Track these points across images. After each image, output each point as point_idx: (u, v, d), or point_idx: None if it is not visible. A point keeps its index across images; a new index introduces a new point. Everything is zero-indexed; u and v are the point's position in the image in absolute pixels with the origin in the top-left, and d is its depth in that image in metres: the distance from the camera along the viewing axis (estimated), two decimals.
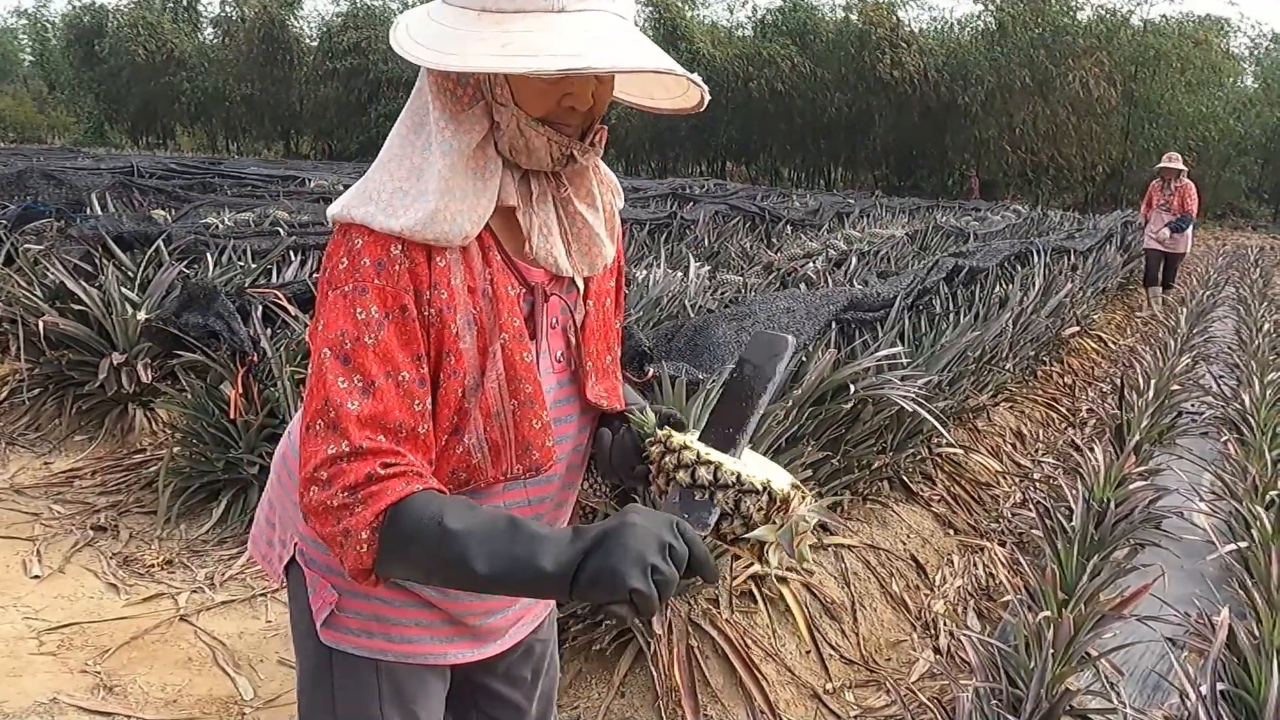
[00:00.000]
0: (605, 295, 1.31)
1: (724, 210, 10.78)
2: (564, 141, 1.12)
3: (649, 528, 0.97)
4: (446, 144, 1.10)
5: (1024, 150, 29.44)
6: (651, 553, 0.95)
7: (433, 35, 1.07)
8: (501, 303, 1.14)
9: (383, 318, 1.07)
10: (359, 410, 1.04)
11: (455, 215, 1.09)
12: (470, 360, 1.13)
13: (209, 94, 40.72)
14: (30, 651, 2.70)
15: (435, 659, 1.26)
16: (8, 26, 55.20)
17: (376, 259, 1.08)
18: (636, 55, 1.05)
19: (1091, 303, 8.16)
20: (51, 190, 7.18)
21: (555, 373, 1.23)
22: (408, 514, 1.01)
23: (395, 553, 1.02)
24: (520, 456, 1.17)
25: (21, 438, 4.36)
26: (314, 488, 1.03)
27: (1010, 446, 5.09)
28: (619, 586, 0.93)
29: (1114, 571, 2.93)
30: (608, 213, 1.25)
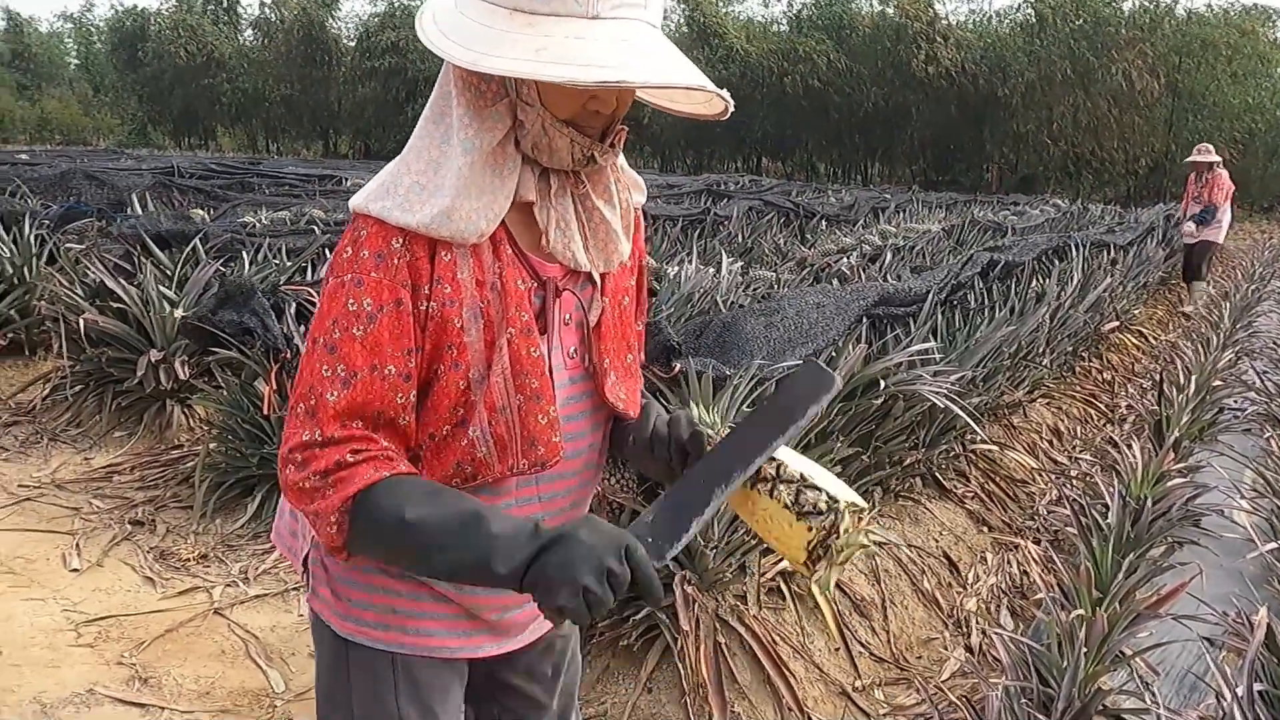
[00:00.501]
0: (623, 293, 1.30)
1: (758, 206, 10.74)
2: (586, 143, 1.13)
3: (595, 547, 1.01)
4: (468, 141, 1.10)
5: (1064, 143, 29.01)
6: (585, 573, 0.99)
7: (463, 31, 1.07)
8: (510, 297, 1.14)
9: (375, 310, 1.08)
10: (337, 400, 1.07)
11: (471, 213, 1.09)
12: (476, 353, 1.13)
13: (249, 95, 41.23)
14: (68, 643, 2.75)
15: (452, 653, 1.27)
16: (54, 31, 56.25)
17: (376, 251, 1.09)
18: (670, 70, 1.06)
19: (1132, 297, 8.02)
20: (94, 190, 7.31)
21: (568, 369, 1.23)
22: (373, 501, 1.06)
23: (361, 536, 1.07)
24: (526, 451, 1.17)
25: (63, 433, 4.44)
26: (290, 467, 1.08)
27: (1047, 443, 5.03)
28: (550, 598, 1.00)
29: (1150, 570, 2.88)
30: (624, 209, 1.24)
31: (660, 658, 2.56)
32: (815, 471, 1.13)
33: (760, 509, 1.14)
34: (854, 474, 3.27)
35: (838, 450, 2.99)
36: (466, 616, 1.26)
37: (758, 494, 1.14)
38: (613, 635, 2.60)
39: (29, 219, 5.64)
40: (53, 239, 5.64)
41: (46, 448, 4.29)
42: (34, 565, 3.21)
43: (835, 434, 3.05)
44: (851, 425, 3.18)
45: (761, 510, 1.14)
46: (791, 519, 1.10)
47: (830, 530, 1.08)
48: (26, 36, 51.76)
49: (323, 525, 1.08)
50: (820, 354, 3.08)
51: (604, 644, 2.62)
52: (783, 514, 1.11)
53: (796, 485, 1.11)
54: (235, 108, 42.39)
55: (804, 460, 1.17)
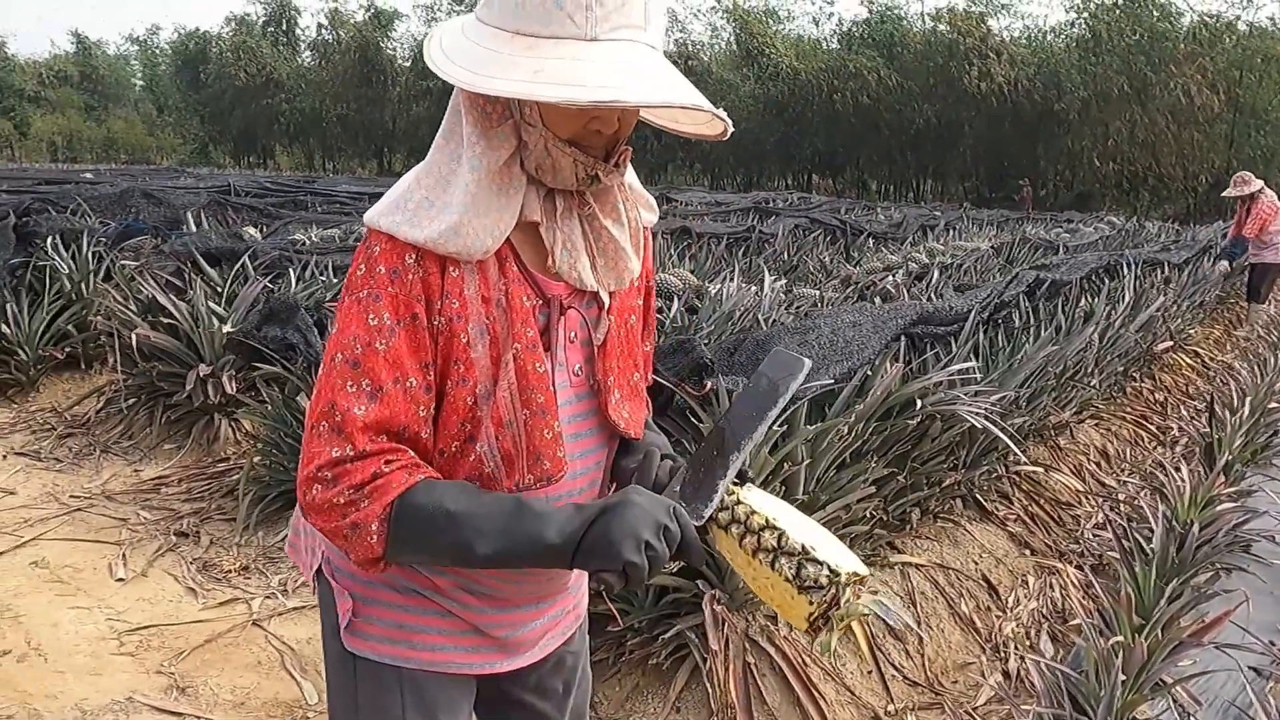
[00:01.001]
0: (630, 312, 1.31)
1: (804, 224, 10.70)
2: (589, 162, 1.13)
3: (648, 508, 1.07)
4: (475, 160, 1.12)
5: (1120, 160, 28.54)
6: (647, 530, 1.05)
7: (467, 54, 1.09)
8: (515, 313, 1.16)
9: (394, 324, 1.10)
10: (365, 415, 1.08)
11: (477, 230, 1.11)
12: (482, 369, 1.15)
13: (306, 115, 42.17)
14: (111, 651, 2.81)
15: (459, 668, 1.27)
16: (121, 54, 57.94)
17: (392, 267, 1.11)
18: (665, 90, 1.06)
19: (1187, 317, 7.85)
20: (151, 209, 7.50)
21: (573, 386, 1.23)
22: (413, 503, 1.08)
23: (404, 540, 1.09)
24: (532, 465, 1.18)
25: (115, 446, 4.55)
26: (317, 486, 1.08)
27: (1094, 465, 4.93)
28: (614, 556, 1.04)
29: (1195, 596, 2.81)
30: (633, 228, 1.25)
31: (689, 677, 2.55)
32: (816, 539, 1.14)
33: (763, 577, 1.15)
34: (890, 494, 3.24)
35: (872, 470, 2.97)
36: (474, 632, 1.27)
37: (759, 563, 1.15)
38: (642, 654, 2.59)
39: (87, 237, 5.81)
40: (110, 256, 5.81)
41: (99, 459, 4.40)
42: (81, 574, 3.28)
43: (870, 454, 3.02)
44: (887, 445, 3.15)
45: (764, 579, 1.15)
46: (793, 591, 1.11)
47: (831, 603, 1.10)
48: (95, 59, 53.41)
49: (360, 537, 1.08)
50: (855, 372, 3.05)
51: (633, 663, 2.62)
52: (785, 586, 1.12)
53: (798, 559, 1.11)
54: (293, 127, 43.38)
55: (805, 523, 1.18)
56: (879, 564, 3.13)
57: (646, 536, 1.05)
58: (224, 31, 44.15)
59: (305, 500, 1.09)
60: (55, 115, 47.52)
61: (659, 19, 1.13)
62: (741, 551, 1.17)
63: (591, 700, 2.56)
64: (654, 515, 1.07)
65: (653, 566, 1.05)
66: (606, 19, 1.06)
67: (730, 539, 1.18)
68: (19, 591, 3.14)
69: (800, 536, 1.13)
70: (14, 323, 5.19)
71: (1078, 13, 30.90)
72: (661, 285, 5.33)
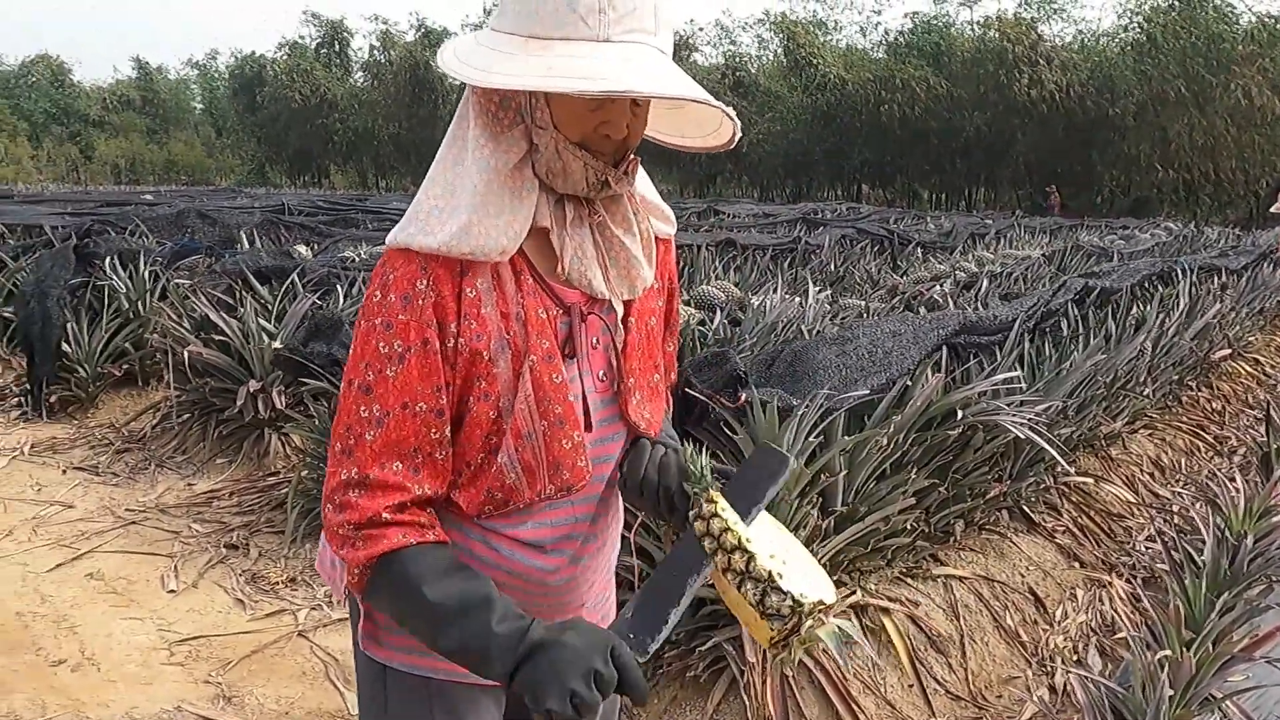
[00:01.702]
0: (649, 315, 1.32)
1: (851, 234, 10.63)
2: (599, 167, 1.15)
3: (582, 650, 1.04)
4: (484, 161, 1.14)
5: (1178, 165, 27.94)
6: (574, 677, 1.02)
7: (478, 56, 1.12)
8: (531, 325, 1.17)
9: (405, 351, 1.12)
10: (374, 439, 1.11)
11: (489, 230, 1.12)
12: (504, 383, 1.16)
13: (359, 134, 42.90)
14: (161, 661, 2.88)
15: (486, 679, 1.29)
16: (182, 78, 59.43)
17: (403, 294, 1.12)
18: (679, 85, 1.09)
19: (1246, 324, 7.66)
20: (206, 229, 7.68)
21: (598, 392, 1.25)
22: (394, 568, 1.11)
23: (377, 595, 1.15)
24: (553, 476, 1.20)
25: (170, 460, 4.66)
26: (329, 507, 1.14)
27: (1148, 476, 4.83)
28: (539, 701, 1.02)
29: (1247, 610, 2.74)
30: (645, 238, 1.26)
31: (727, 690, 2.54)
32: (787, 564, 1.14)
33: (730, 597, 1.17)
34: (932, 506, 3.20)
35: (913, 481, 2.94)
36: None
37: (727, 583, 1.16)
38: (680, 666, 2.59)
39: (144, 256, 5.97)
40: (165, 275, 5.96)
41: (154, 474, 4.51)
42: (135, 586, 3.37)
43: (910, 465, 2.99)
44: (929, 456, 3.12)
45: (731, 598, 1.17)
46: (756, 616, 1.12)
47: (792, 630, 1.11)
48: (156, 84, 54.82)
49: (347, 572, 1.15)
50: (893, 383, 3.03)
51: (671, 675, 2.61)
52: (749, 609, 1.13)
53: (764, 585, 1.12)
54: (346, 146, 44.14)
55: (780, 544, 1.19)
56: (921, 576, 3.10)
57: (572, 685, 1.02)
58: (278, 55, 45.14)
59: (324, 517, 1.15)
60: (119, 139, 48.86)
61: (669, 25, 1.15)
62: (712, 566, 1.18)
63: (630, 712, 2.58)
64: (587, 660, 1.03)
65: (581, 713, 1.02)
66: (619, 22, 1.08)
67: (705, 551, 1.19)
68: (76, 602, 3.22)
69: (769, 563, 1.13)
70: (74, 341, 5.34)
71: (1130, 16, 30.43)
72: (704, 297, 5.34)
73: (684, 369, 2.76)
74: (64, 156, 46.29)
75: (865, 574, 2.93)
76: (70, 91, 52.63)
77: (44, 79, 52.01)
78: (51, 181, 38.83)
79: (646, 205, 1.28)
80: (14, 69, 52.71)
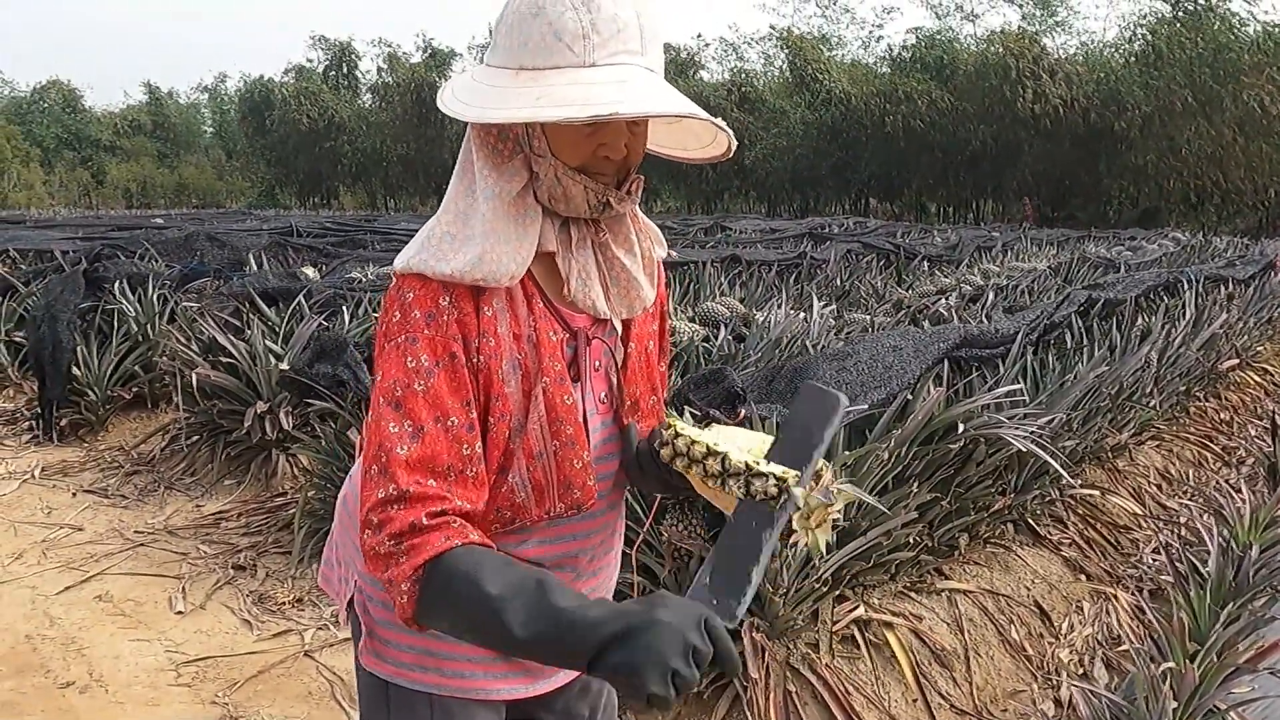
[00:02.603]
0: (647, 338, 1.35)
1: (856, 249, 10.65)
2: (600, 190, 1.17)
3: (676, 627, 0.95)
4: (489, 190, 1.16)
5: (1186, 175, 27.89)
6: (675, 656, 0.94)
7: (474, 93, 1.15)
8: (544, 348, 1.20)
9: (433, 365, 1.13)
10: (408, 454, 1.09)
11: (500, 256, 1.14)
12: (515, 403, 1.18)
13: (368, 155, 43.18)
14: (168, 682, 2.89)
15: (487, 694, 1.31)
16: (192, 102, 59.88)
17: (427, 311, 1.14)
18: (663, 102, 1.11)
19: (1255, 333, 7.64)
20: (215, 251, 7.73)
21: (600, 413, 1.28)
22: (444, 571, 1.05)
23: (431, 606, 1.06)
24: (563, 495, 1.22)
25: (179, 482, 4.69)
26: (368, 531, 1.09)
27: (1155, 487, 4.81)
28: (639, 688, 0.94)
29: (1252, 621, 2.73)
30: (646, 258, 1.29)
31: (730, 706, 2.54)
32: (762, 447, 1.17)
33: (722, 499, 1.18)
34: (935, 520, 3.21)
35: (915, 496, 2.95)
36: (502, 659, 1.30)
37: (717, 490, 1.17)
38: None
39: (153, 280, 6.02)
40: (174, 298, 6.01)
41: (163, 495, 4.54)
42: (143, 608, 3.39)
43: (912, 479, 3.00)
44: (930, 470, 3.12)
45: (724, 500, 1.17)
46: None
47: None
48: (166, 108, 55.25)
49: (395, 594, 1.08)
50: (894, 397, 3.04)
51: None
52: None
53: (744, 476, 1.13)
54: (355, 168, 44.42)
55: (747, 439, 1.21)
56: (925, 590, 3.10)
57: (675, 665, 0.93)
58: (286, 79, 45.48)
59: (362, 547, 1.10)
60: (130, 163, 49.23)
61: (656, 44, 1.17)
62: (695, 480, 1.19)
63: None
64: (684, 636, 0.94)
65: (681, 692, 0.94)
66: (604, 45, 1.11)
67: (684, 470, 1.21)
68: (84, 624, 3.25)
69: (742, 455, 1.14)
70: (84, 364, 5.39)
71: (1134, 28, 30.45)
72: (708, 314, 5.36)
73: (682, 386, 2.78)
74: (76, 181, 46.64)
75: (868, 588, 2.94)
76: (82, 117, 53.07)
77: (56, 104, 52.48)
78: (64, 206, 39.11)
79: (645, 227, 1.31)
80: (26, 95, 53.20)
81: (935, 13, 35.51)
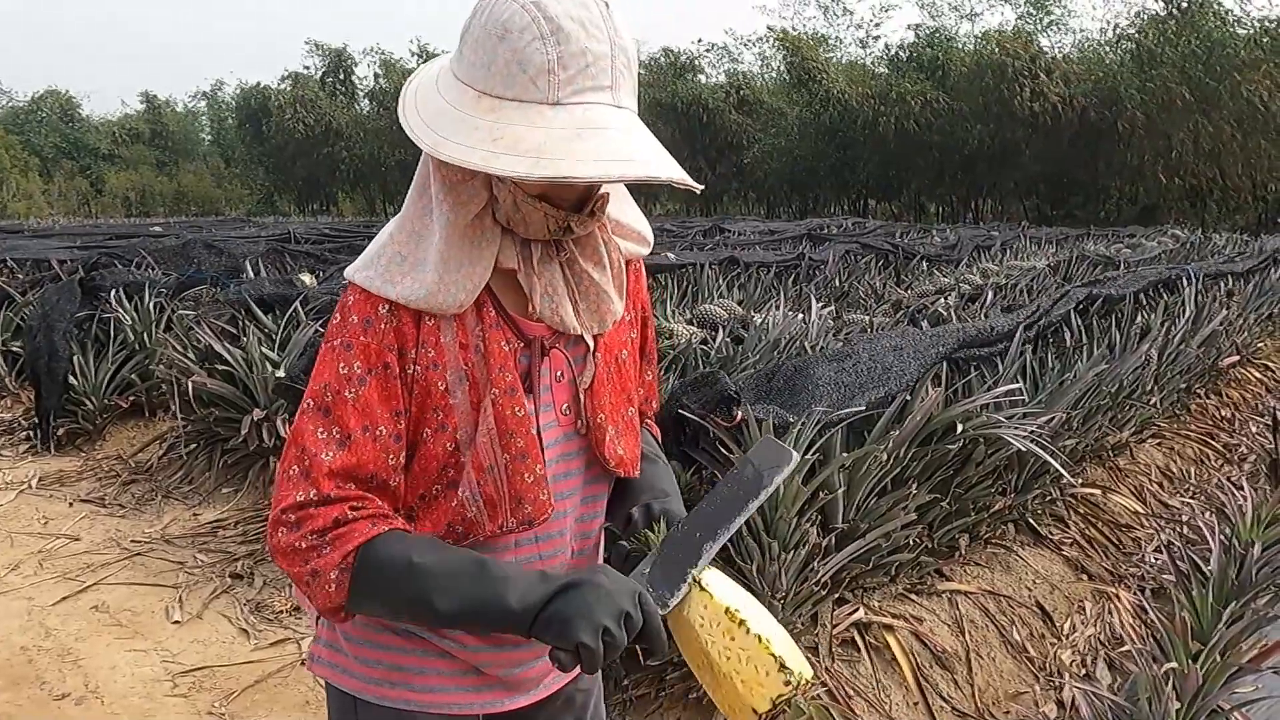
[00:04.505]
0: (621, 347, 1.30)
1: (855, 249, 10.63)
2: (559, 215, 1.13)
3: (611, 591, 1.05)
4: (444, 217, 1.12)
5: (1184, 173, 27.87)
6: (607, 615, 1.03)
7: (434, 111, 1.09)
8: (493, 358, 1.16)
9: (365, 373, 1.11)
10: (332, 461, 1.09)
11: (448, 286, 1.12)
12: (463, 415, 1.15)
13: (366, 161, 43.21)
14: (164, 693, 2.88)
15: (462, 709, 1.26)
16: (191, 109, 59.89)
17: (364, 317, 1.12)
18: (624, 163, 1.03)
19: (1255, 330, 7.62)
20: (212, 259, 7.72)
21: (560, 425, 1.23)
22: (375, 554, 1.07)
23: (364, 591, 1.08)
24: (515, 510, 1.18)
25: (176, 490, 4.68)
26: (282, 529, 1.09)
27: (1157, 486, 4.79)
28: (569, 636, 1.02)
29: (1255, 619, 2.71)
30: (615, 270, 1.24)
31: None
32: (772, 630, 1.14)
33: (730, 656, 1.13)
34: (935, 521, 3.19)
35: (914, 497, 2.93)
36: (475, 672, 1.26)
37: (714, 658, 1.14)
38: (683, 688, 2.58)
39: (149, 288, 6.01)
40: (171, 306, 5.99)
41: (160, 504, 4.52)
42: (139, 618, 3.37)
43: (911, 480, 2.98)
44: (929, 471, 3.11)
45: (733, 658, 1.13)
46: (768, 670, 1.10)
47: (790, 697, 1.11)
48: (164, 116, 55.23)
49: (320, 584, 1.08)
50: (893, 398, 3.02)
51: (675, 696, 2.60)
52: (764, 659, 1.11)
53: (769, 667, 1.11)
54: (354, 174, 44.45)
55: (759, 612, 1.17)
56: (925, 592, 3.08)
57: (605, 622, 1.02)
58: (283, 86, 45.49)
59: (271, 543, 1.10)
60: (129, 172, 49.23)
61: (628, 76, 1.10)
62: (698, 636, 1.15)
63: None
64: (617, 601, 1.04)
65: (608, 652, 1.03)
66: (570, 82, 1.04)
67: (688, 624, 1.16)
68: (80, 635, 3.23)
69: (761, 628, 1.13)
70: (81, 374, 5.37)
71: (1129, 26, 30.42)
72: (706, 316, 5.34)
73: (675, 390, 2.76)
74: (74, 190, 46.65)
75: (868, 591, 2.92)
76: (80, 126, 53.10)
77: (53, 114, 52.49)
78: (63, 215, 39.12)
79: (620, 229, 1.27)
80: (24, 104, 53.22)
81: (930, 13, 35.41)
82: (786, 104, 37.31)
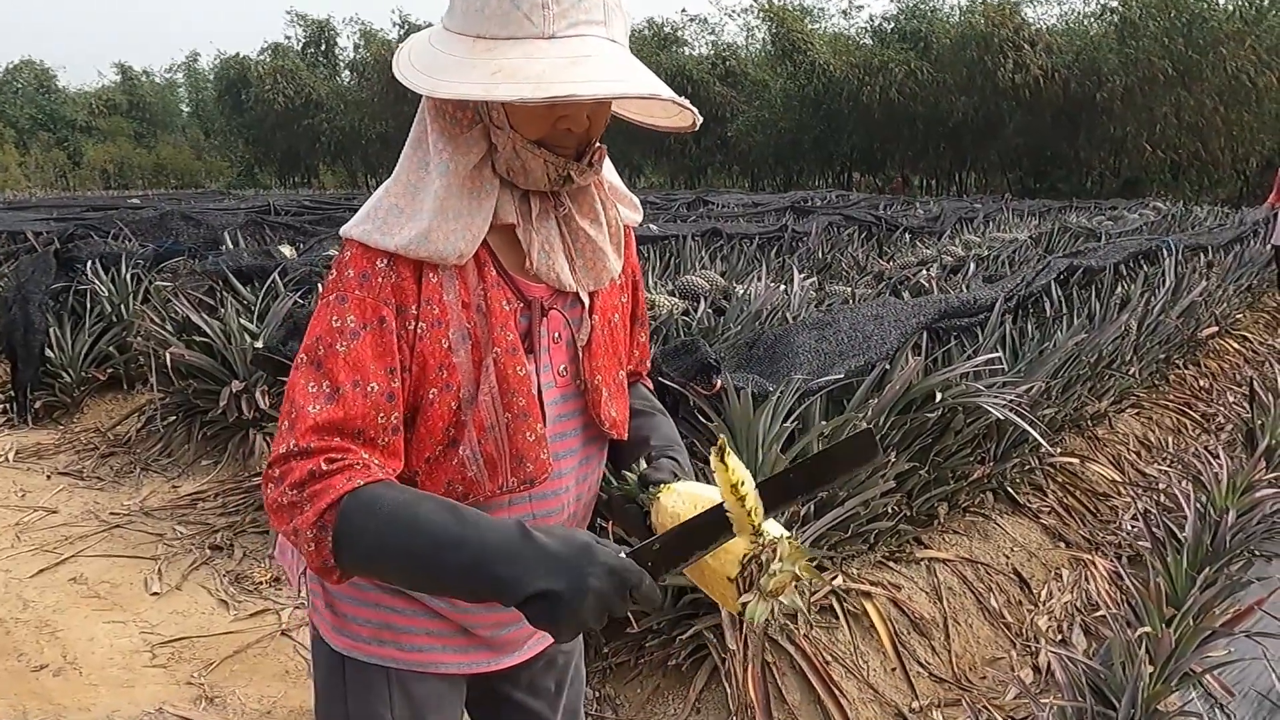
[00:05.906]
0: (614, 310, 1.31)
1: (838, 221, 10.61)
2: (560, 163, 1.13)
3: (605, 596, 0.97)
4: (444, 165, 1.12)
5: (1166, 146, 27.94)
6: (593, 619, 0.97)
7: (429, 61, 1.10)
8: (495, 317, 1.16)
9: (359, 327, 1.09)
10: (318, 414, 1.06)
11: (449, 234, 1.11)
12: (465, 374, 1.15)
13: (347, 133, 42.79)
14: (143, 664, 2.87)
15: (448, 668, 1.28)
16: (170, 82, 59.14)
17: (361, 271, 1.11)
18: (623, 82, 1.05)
19: (1234, 301, 7.67)
20: (190, 230, 7.64)
21: (558, 386, 1.24)
22: (352, 511, 1.02)
23: (344, 552, 1.02)
24: (515, 469, 1.18)
25: (155, 463, 4.65)
26: (270, 485, 1.06)
27: (1135, 455, 4.83)
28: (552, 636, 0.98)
29: (1229, 585, 2.74)
30: (613, 228, 1.25)
31: (709, 677, 2.54)
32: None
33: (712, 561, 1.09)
34: (914, 489, 3.20)
35: (893, 465, 2.94)
36: (462, 632, 1.27)
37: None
38: (662, 655, 2.59)
39: (126, 260, 5.94)
40: (148, 278, 5.93)
41: (139, 477, 4.50)
42: (118, 589, 3.35)
43: (890, 448, 2.99)
44: (908, 439, 3.11)
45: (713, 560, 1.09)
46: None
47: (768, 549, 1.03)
48: (141, 88, 54.56)
49: (303, 544, 1.04)
50: (872, 366, 3.02)
51: (654, 664, 2.61)
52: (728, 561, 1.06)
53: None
54: (334, 146, 44.04)
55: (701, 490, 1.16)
56: (904, 560, 3.10)
57: (591, 624, 0.97)
58: (262, 58, 44.94)
59: (266, 502, 1.08)
60: (106, 144, 48.64)
61: (620, 13, 1.12)
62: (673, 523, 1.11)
63: (614, 702, 2.58)
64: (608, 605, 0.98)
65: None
66: (564, 15, 1.06)
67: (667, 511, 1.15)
68: (58, 607, 3.21)
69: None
70: (58, 346, 5.33)
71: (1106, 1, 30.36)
72: (688, 287, 5.33)
73: (655, 359, 2.75)
74: (52, 163, 46.10)
75: (847, 558, 2.93)
76: (56, 97, 52.44)
77: (29, 85, 51.82)
78: (40, 188, 38.67)
79: (615, 193, 1.27)
80: None
81: None
82: (771, 76, 37.14)
